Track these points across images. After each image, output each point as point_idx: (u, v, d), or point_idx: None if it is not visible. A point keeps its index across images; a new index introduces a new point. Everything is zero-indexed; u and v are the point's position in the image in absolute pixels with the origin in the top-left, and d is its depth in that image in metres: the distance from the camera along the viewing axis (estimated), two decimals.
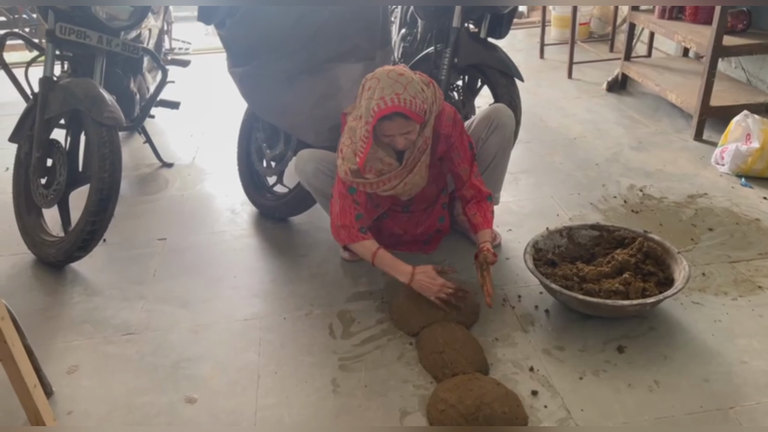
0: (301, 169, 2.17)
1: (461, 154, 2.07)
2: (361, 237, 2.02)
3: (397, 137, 1.88)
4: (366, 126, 1.83)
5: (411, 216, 2.28)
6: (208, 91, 4.30)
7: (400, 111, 1.79)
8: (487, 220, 2.10)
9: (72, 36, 2.37)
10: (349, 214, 2.01)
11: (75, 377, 1.85)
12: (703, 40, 3.08)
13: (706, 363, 1.78)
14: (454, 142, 2.05)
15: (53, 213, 2.46)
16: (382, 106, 1.79)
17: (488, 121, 2.20)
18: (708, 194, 2.67)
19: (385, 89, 1.80)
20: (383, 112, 1.79)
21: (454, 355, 1.78)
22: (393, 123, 1.83)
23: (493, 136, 2.21)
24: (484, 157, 2.24)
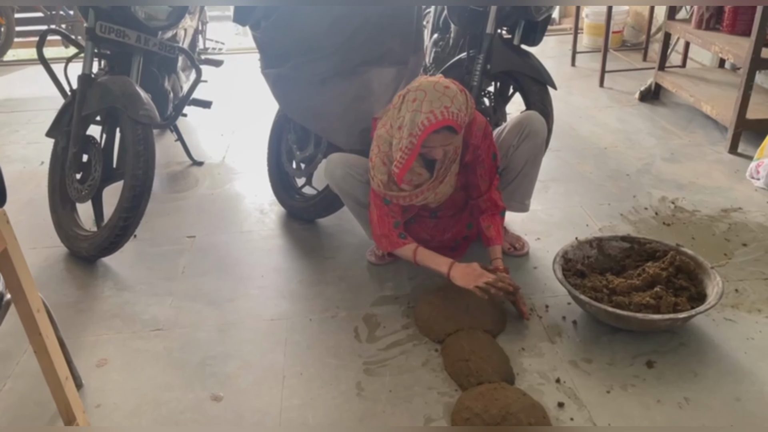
0: (330, 173, 2.18)
1: (485, 166, 2.10)
2: (401, 243, 2.07)
3: (437, 149, 1.88)
4: (411, 138, 1.83)
5: (438, 222, 2.28)
6: (239, 90, 4.35)
7: (451, 125, 1.80)
8: (500, 235, 2.15)
9: (111, 35, 2.42)
10: (387, 224, 2.07)
11: (104, 371, 1.88)
12: (741, 51, 3.02)
13: (738, 381, 1.74)
14: (480, 154, 2.07)
15: (87, 208, 2.50)
16: (432, 120, 1.79)
17: (520, 128, 2.19)
18: (742, 209, 2.62)
19: (434, 102, 1.79)
20: (435, 126, 1.79)
21: (480, 364, 1.77)
22: (439, 136, 1.84)
23: (525, 143, 2.19)
24: (515, 164, 2.23)
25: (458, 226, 2.30)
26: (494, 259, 2.11)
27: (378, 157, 1.99)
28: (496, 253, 2.12)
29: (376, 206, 2.07)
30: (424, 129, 1.80)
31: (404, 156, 1.87)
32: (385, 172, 2.00)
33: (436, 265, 2.02)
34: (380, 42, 2.25)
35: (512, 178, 2.27)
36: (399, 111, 1.89)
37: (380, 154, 1.99)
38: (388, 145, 1.98)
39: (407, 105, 1.85)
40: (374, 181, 2.02)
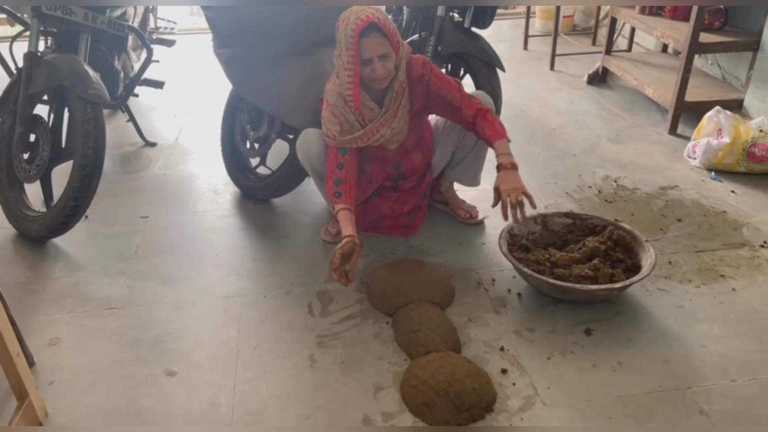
0: (305, 150, 2.19)
1: (444, 86, 2.10)
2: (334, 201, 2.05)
3: (376, 62, 1.94)
4: (349, 51, 1.92)
5: (400, 195, 2.35)
6: (192, 71, 4.30)
7: (376, 23, 1.90)
8: (497, 131, 2.05)
9: (58, 12, 2.37)
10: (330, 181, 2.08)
11: (57, 349, 1.89)
12: (681, 36, 3.16)
13: (667, 346, 1.86)
14: (431, 79, 2.09)
15: (35, 188, 2.47)
16: (359, 23, 1.88)
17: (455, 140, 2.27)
18: (679, 186, 2.76)
19: (358, 12, 1.92)
20: (362, 26, 1.88)
21: (428, 334, 1.84)
22: (371, 40, 1.91)
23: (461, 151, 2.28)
24: (466, 142, 2.30)
25: (416, 198, 2.37)
26: (499, 155, 2.01)
27: (327, 111, 2.06)
28: (502, 148, 2.02)
29: (329, 163, 2.10)
30: (354, 35, 1.88)
31: (350, 74, 1.95)
32: (337, 122, 2.06)
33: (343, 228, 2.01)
34: (332, 23, 2.27)
35: (463, 156, 2.35)
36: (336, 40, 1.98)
37: (329, 107, 2.06)
38: (335, 95, 2.05)
39: (338, 26, 1.94)
40: (328, 134, 2.07)
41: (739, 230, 2.42)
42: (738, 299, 2.05)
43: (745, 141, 2.77)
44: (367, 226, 2.40)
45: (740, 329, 1.92)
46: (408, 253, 2.34)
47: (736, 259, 2.25)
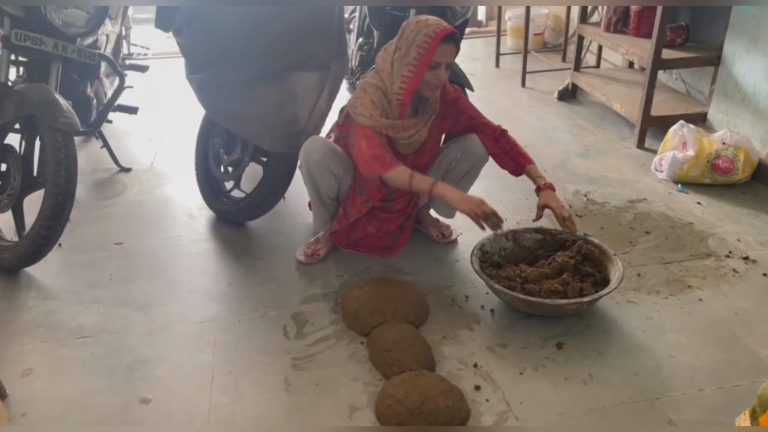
0: (307, 154, 2.21)
1: (474, 110, 2.29)
2: (394, 164, 2.05)
3: (442, 69, 2.01)
4: (419, 50, 1.96)
5: (389, 216, 2.39)
6: (167, 95, 4.31)
7: (456, 35, 1.98)
8: (526, 155, 2.29)
9: (27, 42, 2.39)
10: (377, 147, 2.05)
11: (29, 380, 1.87)
12: (644, 53, 3.24)
13: (636, 357, 1.90)
14: (462, 102, 2.26)
15: (7, 218, 2.45)
16: (439, 30, 1.95)
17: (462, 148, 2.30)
18: (647, 199, 2.82)
19: (436, 20, 1.98)
20: (444, 32, 1.95)
21: (402, 353, 1.86)
22: (448, 48, 1.98)
23: (464, 161, 2.31)
24: (452, 176, 2.34)
25: (402, 218, 2.41)
26: (535, 178, 2.23)
27: (365, 97, 2.06)
28: (535, 172, 2.25)
29: (365, 137, 2.06)
30: (436, 35, 1.94)
31: (412, 69, 1.98)
32: (376, 108, 2.06)
33: (425, 184, 2.03)
34: (302, 47, 2.31)
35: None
36: (399, 40, 2.02)
37: (367, 94, 2.07)
38: (375, 88, 2.07)
39: (410, 29, 1.99)
40: (362, 117, 2.05)
41: (705, 241, 2.48)
42: (704, 309, 2.10)
43: (709, 153, 2.85)
44: (349, 244, 2.43)
45: (707, 339, 1.97)
46: (382, 272, 2.36)
47: (702, 270, 2.30)
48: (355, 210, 2.31)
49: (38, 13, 2.37)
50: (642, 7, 3.48)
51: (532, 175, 2.25)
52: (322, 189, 2.27)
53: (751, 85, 2.96)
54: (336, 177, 2.25)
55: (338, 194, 2.34)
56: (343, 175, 2.27)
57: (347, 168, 2.27)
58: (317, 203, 2.34)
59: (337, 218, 2.37)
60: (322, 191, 2.27)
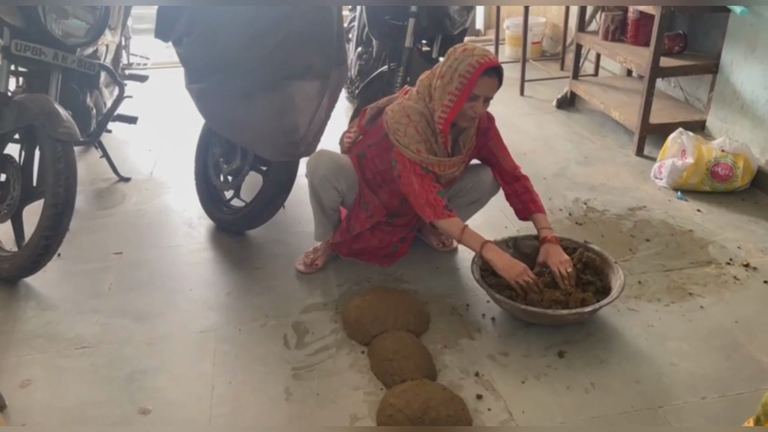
0: (312, 168, 2.22)
1: (499, 144, 2.25)
2: (448, 215, 2.05)
3: (481, 102, 1.98)
4: (461, 79, 1.92)
5: (393, 229, 2.38)
6: (166, 105, 4.32)
7: (500, 69, 1.95)
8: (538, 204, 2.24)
9: (27, 53, 2.39)
10: (432, 192, 2.05)
11: (28, 391, 1.86)
12: (642, 61, 3.26)
13: (638, 365, 1.89)
14: (491, 134, 2.22)
15: (6, 228, 2.45)
16: (485, 60, 1.91)
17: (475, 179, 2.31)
18: (647, 207, 2.82)
19: (483, 50, 1.94)
20: (489, 64, 1.91)
21: (403, 363, 1.85)
22: (491, 81, 1.95)
23: (473, 192, 2.33)
24: (460, 201, 2.33)
25: (405, 231, 2.41)
26: (541, 229, 2.19)
27: (410, 126, 2.02)
28: (543, 222, 2.20)
29: (416, 175, 2.04)
30: (479, 66, 1.90)
31: (453, 99, 1.95)
32: (422, 140, 2.03)
33: (477, 244, 2.05)
34: (301, 57, 2.31)
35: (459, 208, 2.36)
36: (442, 65, 1.98)
37: (411, 123, 2.03)
38: (417, 113, 2.03)
39: (455, 56, 1.95)
40: (409, 150, 2.03)
41: (706, 248, 2.48)
42: (706, 317, 2.10)
43: (708, 161, 2.85)
44: (349, 252, 2.43)
45: (709, 346, 1.96)
46: (383, 280, 2.36)
47: (703, 277, 2.30)
48: (359, 225, 2.31)
49: (38, 24, 2.37)
50: (639, 15, 3.50)
51: (538, 224, 2.21)
52: (325, 201, 2.27)
53: (750, 93, 2.97)
54: (339, 192, 2.25)
55: (340, 206, 2.34)
56: (347, 191, 2.27)
57: (352, 184, 2.27)
58: (319, 213, 2.33)
59: (340, 231, 2.36)
60: (325, 203, 2.27)
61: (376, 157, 2.21)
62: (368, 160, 2.24)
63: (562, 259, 2.09)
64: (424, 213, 2.07)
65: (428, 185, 2.05)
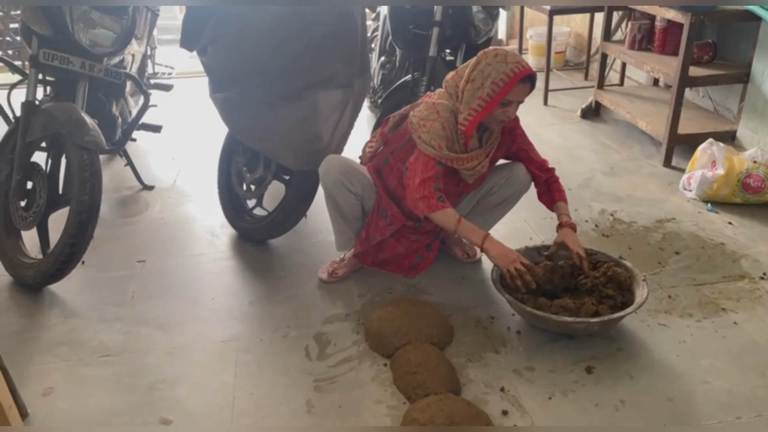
0: (324, 173, 2.22)
1: (527, 141, 2.28)
2: (441, 206, 2.04)
3: (513, 106, 2.00)
4: (494, 86, 1.93)
5: (420, 237, 2.35)
6: (190, 114, 4.35)
7: (535, 77, 1.96)
8: (562, 192, 2.29)
9: (55, 62, 2.41)
10: (429, 187, 2.04)
11: (51, 399, 1.86)
12: (671, 70, 3.20)
13: (670, 383, 1.84)
14: (518, 132, 2.25)
15: (32, 235, 2.47)
16: (520, 69, 1.92)
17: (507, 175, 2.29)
18: (676, 219, 2.76)
19: (517, 57, 1.95)
20: (524, 73, 1.92)
21: (426, 376, 1.82)
22: (525, 88, 1.96)
23: (506, 188, 2.30)
24: (491, 200, 2.33)
25: (430, 237, 2.38)
26: (561, 215, 2.23)
27: (437, 122, 2.02)
28: (563, 209, 2.25)
29: (422, 170, 2.04)
30: (514, 75, 1.91)
31: (482, 104, 1.96)
32: (445, 137, 2.03)
33: (474, 235, 2.05)
34: (325, 65, 2.31)
35: (486, 210, 2.37)
36: (473, 69, 1.97)
37: (439, 118, 2.03)
38: (447, 110, 2.04)
39: (486, 61, 1.95)
40: (429, 146, 2.03)
41: (738, 262, 2.41)
42: (740, 333, 2.03)
43: (740, 172, 2.78)
44: (374, 263, 2.40)
45: (743, 364, 1.90)
46: (405, 291, 2.33)
47: (736, 292, 2.23)
48: (379, 233, 2.28)
49: (66, 33, 2.40)
50: (667, 24, 3.44)
51: (558, 210, 2.25)
52: (344, 207, 2.25)
53: None
54: (356, 195, 2.23)
55: (363, 212, 2.31)
56: (363, 193, 2.24)
57: (367, 186, 2.25)
58: (339, 221, 2.31)
59: (360, 240, 2.34)
60: (344, 209, 2.25)
61: (399, 162, 2.19)
62: (391, 166, 2.22)
63: (579, 243, 2.15)
64: (417, 207, 2.05)
65: (428, 182, 2.04)
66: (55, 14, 2.37)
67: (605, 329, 2.01)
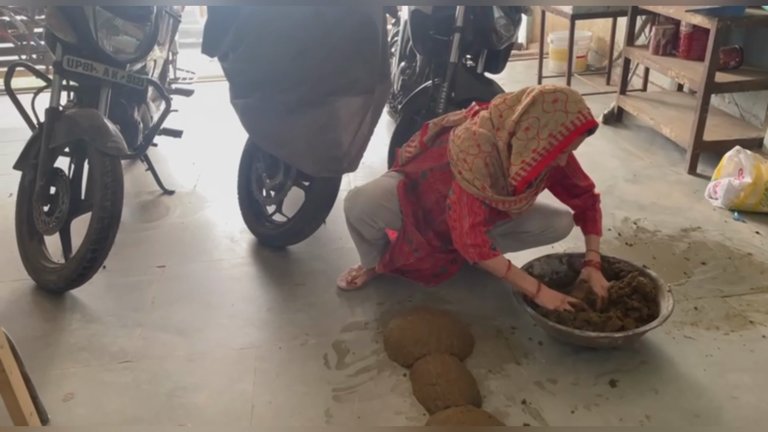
0: (348, 208, 2.18)
1: (573, 165, 2.10)
2: (492, 254, 1.95)
3: (567, 154, 1.89)
4: (551, 139, 1.76)
5: (447, 255, 2.25)
6: (211, 119, 4.37)
7: (595, 127, 1.80)
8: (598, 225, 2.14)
9: (79, 68, 2.44)
10: (481, 233, 1.92)
11: (71, 405, 1.87)
12: (696, 76, 3.14)
13: (696, 398, 1.79)
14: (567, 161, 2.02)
15: (54, 240, 2.49)
16: (583, 120, 1.76)
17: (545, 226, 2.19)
18: (701, 228, 2.70)
19: (579, 104, 1.78)
20: (587, 126, 1.77)
21: (447, 387, 1.79)
22: (582, 139, 1.83)
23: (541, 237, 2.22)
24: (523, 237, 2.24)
25: (456, 253, 2.23)
26: (589, 251, 2.11)
27: (479, 159, 1.87)
28: (594, 244, 2.13)
29: (470, 212, 1.91)
30: (575, 129, 1.75)
31: (537, 157, 1.79)
32: (487, 174, 1.88)
33: (525, 283, 1.99)
34: (346, 72, 2.29)
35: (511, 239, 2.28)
36: (527, 111, 1.80)
37: (482, 154, 1.87)
38: (488, 144, 1.88)
39: (545, 107, 1.77)
40: (472, 186, 1.89)
41: (766, 273, 2.35)
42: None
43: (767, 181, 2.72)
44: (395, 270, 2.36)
45: None
46: (425, 300, 2.31)
47: (764, 304, 2.18)
48: (403, 258, 2.19)
49: (90, 40, 2.42)
50: (693, 29, 3.39)
51: (589, 245, 2.13)
52: (367, 236, 2.22)
53: None
54: (379, 230, 2.19)
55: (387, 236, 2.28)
56: (387, 226, 2.19)
57: (392, 220, 2.17)
58: (362, 245, 2.28)
59: (383, 262, 2.27)
60: (367, 238, 2.23)
61: (439, 182, 2.07)
62: (429, 184, 2.11)
63: (604, 284, 2.05)
64: (467, 253, 1.95)
65: (478, 226, 1.91)
66: (79, 21, 2.39)
67: (629, 343, 1.97)
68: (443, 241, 2.19)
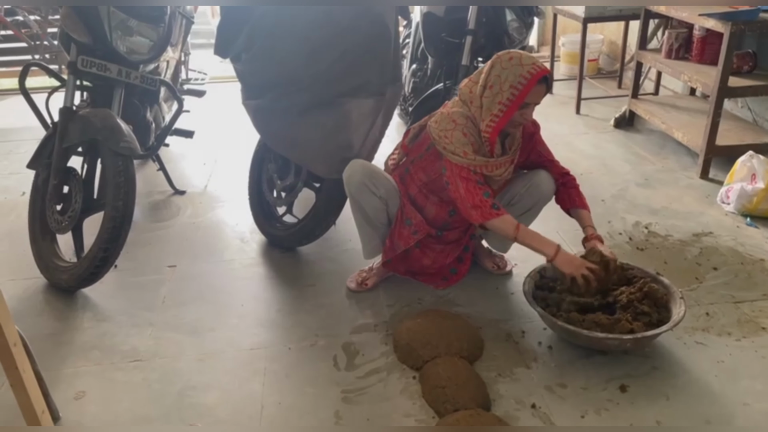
0: (348, 177, 2.22)
1: (544, 145, 2.25)
2: (496, 213, 2.01)
3: (530, 108, 1.99)
4: (512, 90, 1.92)
5: (444, 247, 2.32)
6: (222, 119, 4.39)
7: (549, 76, 1.95)
8: (584, 201, 2.22)
9: (93, 69, 2.46)
10: (477, 194, 2.01)
11: (82, 403, 1.88)
12: (709, 80, 3.12)
13: (708, 404, 1.78)
14: (537, 138, 2.22)
15: (67, 239, 2.51)
16: (536, 70, 1.91)
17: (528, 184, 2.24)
18: (713, 233, 2.68)
19: (530, 58, 1.94)
20: (541, 74, 1.91)
21: (456, 391, 1.79)
22: (541, 89, 1.95)
23: (528, 197, 2.24)
24: (513, 210, 2.24)
25: (459, 250, 2.35)
26: (586, 226, 2.15)
27: (457, 130, 2.01)
28: (588, 220, 2.17)
29: (461, 179, 2.02)
30: (531, 77, 1.90)
31: (503, 108, 1.94)
32: (468, 142, 2.01)
33: (540, 244, 2.00)
34: (358, 74, 2.30)
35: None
36: (488, 74, 1.97)
37: (458, 126, 2.01)
38: (463, 117, 2.02)
39: (502, 65, 1.95)
40: (456, 156, 2.01)
41: None
42: None
43: None
44: (406, 272, 2.39)
45: None
46: (434, 302, 2.31)
47: None
48: (403, 242, 2.25)
49: (104, 41, 2.44)
50: (706, 33, 3.37)
51: (583, 221, 2.17)
52: (370, 212, 2.23)
53: None
54: (380, 198, 2.20)
55: (388, 219, 2.29)
56: (387, 197, 2.22)
57: (391, 189, 2.22)
58: (366, 227, 2.30)
59: (385, 249, 2.32)
60: (371, 214, 2.24)
61: (420, 171, 2.19)
62: (412, 175, 2.22)
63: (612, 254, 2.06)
64: (471, 216, 2.03)
65: (473, 188, 2.02)
66: (94, 22, 2.41)
67: (639, 346, 1.96)
68: (436, 227, 2.27)
